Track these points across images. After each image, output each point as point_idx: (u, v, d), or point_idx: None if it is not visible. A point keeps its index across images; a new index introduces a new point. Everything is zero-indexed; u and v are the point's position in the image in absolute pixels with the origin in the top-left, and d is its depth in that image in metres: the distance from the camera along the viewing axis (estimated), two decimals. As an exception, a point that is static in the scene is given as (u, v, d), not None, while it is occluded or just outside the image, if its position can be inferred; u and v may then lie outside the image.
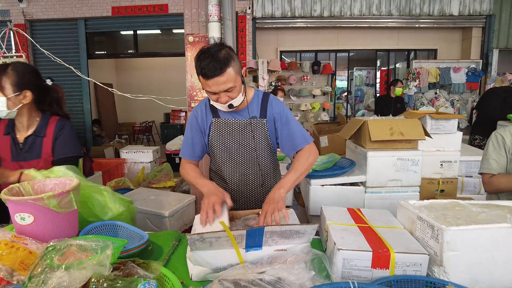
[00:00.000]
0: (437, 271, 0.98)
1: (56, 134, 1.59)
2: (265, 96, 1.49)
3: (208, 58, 1.23)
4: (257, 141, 1.48)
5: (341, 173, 2.05)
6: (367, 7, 6.44)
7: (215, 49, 1.26)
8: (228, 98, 1.32)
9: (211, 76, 1.24)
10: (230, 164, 1.52)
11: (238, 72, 1.31)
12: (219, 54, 1.24)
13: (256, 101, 1.48)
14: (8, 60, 3.34)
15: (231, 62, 1.26)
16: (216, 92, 1.29)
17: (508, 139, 1.57)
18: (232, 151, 1.49)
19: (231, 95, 1.31)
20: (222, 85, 1.26)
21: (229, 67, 1.25)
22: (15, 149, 1.57)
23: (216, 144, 1.49)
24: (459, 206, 1.18)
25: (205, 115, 1.50)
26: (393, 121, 2.07)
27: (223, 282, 0.84)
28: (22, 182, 1.23)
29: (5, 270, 0.91)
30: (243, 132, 1.47)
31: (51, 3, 6.59)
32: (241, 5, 6.29)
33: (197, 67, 1.27)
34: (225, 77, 1.25)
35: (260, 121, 1.46)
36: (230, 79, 1.27)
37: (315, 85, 6.93)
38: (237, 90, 1.32)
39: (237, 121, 1.47)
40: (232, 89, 1.29)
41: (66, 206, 1.12)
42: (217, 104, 1.37)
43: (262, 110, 1.47)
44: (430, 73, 6.54)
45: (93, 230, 1.29)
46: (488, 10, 6.43)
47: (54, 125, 1.60)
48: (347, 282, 0.87)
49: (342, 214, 1.32)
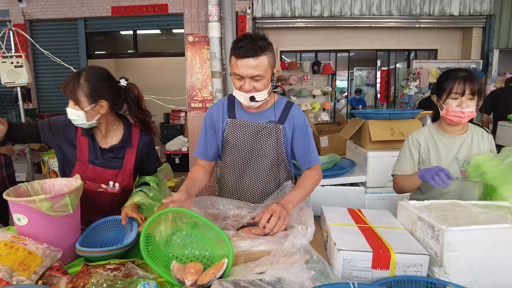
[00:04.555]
0: (437, 271, 0.98)
1: (141, 150, 1.55)
2: (289, 104, 1.45)
3: (247, 39, 1.22)
4: (271, 147, 1.42)
5: (341, 174, 2.05)
6: (367, 7, 6.43)
7: (257, 36, 1.25)
8: (252, 88, 1.27)
9: (243, 55, 1.21)
10: (238, 167, 1.47)
11: (271, 66, 1.28)
12: (259, 40, 1.23)
13: (278, 106, 1.43)
14: (8, 60, 3.33)
15: (267, 52, 1.24)
16: (243, 76, 1.25)
17: (422, 141, 1.57)
18: (243, 152, 1.44)
19: (257, 85, 1.27)
20: (251, 69, 1.23)
21: (264, 55, 1.23)
22: (95, 152, 1.47)
23: (229, 145, 1.45)
24: (460, 206, 1.18)
25: (221, 113, 1.46)
26: (393, 121, 2.06)
27: (223, 283, 0.84)
28: (32, 181, 1.23)
29: (4, 271, 0.91)
30: (258, 136, 1.42)
31: (50, 3, 6.58)
32: (241, 5, 6.29)
33: (232, 47, 1.25)
34: (257, 62, 1.22)
35: (277, 126, 1.41)
36: (261, 67, 1.23)
37: (315, 85, 6.93)
38: (264, 83, 1.28)
39: (253, 124, 1.41)
40: (260, 79, 1.25)
41: (60, 209, 1.09)
42: (239, 93, 1.31)
43: (282, 116, 1.42)
44: (431, 73, 6.53)
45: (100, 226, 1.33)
46: (489, 10, 6.42)
47: (138, 138, 1.55)
48: (347, 283, 0.86)
49: (342, 215, 1.32)
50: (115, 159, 1.49)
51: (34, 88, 6.92)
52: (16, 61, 3.35)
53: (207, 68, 3.48)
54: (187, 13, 3.36)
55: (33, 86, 6.83)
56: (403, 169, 1.58)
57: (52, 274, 0.98)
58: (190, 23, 3.36)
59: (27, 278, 0.93)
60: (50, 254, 1.03)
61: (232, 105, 1.46)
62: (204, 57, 3.47)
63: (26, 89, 5.48)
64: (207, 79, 3.52)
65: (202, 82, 3.54)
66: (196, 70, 3.51)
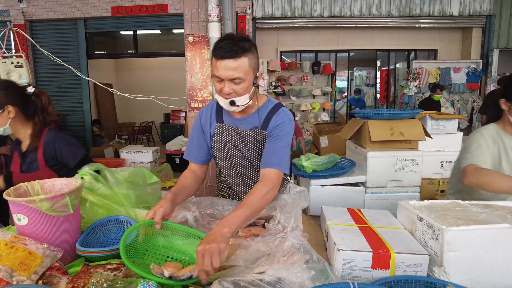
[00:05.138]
0: (437, 271, 0.98)
1: (48, 146, 1.65)
2: (275, 107, 1.36)
3: (228, 39, 1.17)
4: (257, 154, 1.38)
5: (341, 173, 2.05)
6: (367, 7, 6.44)
7: (239, 36, 1.20)
8: (232, 92, 1.21)
9: (223, 56, 1.16)
10: (233, 173, 1.46)
11: (253, 68, 1.22)
12: (241, 41, 1.17)
13: (263, 110, 1.36)
14: (8, 60, 3.34)
15: (249, 53, 1.18)
16: (222, 78, 1.19)
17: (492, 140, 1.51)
18: (234, 160, 1.42)
19: (237, 89, 1.21)
20: (231, 71, 1.17)
21: (245, 56, 1.17)
22: (22, 161, 1.66)
23: (218, 151, 1.42)
24: (460, 206, 1.18)
25: (209, 116, 1.42)
26: (393, 121, 2.06)
27: (223, 283, 0.84)
28: (32, 182, 1.25)
29: (4, 271, 0.91)
30: (245, 142, 1.38)
31: (50, 3, 6.58)
32: (241, 5, 6.29)
33: (213, 48, 1.19)
34: (236, 63, 1.16)
35: (260, 132, 1.35)
36: (241, 69, 1.17)
37: (315, 85, 6.93)
38: (245, 87, 1.22)
39: (237, 130, 1.37)
40: (240, 82, 1.20)
41: (60, 210, 1.09)
42: (219, 98, 1.25)
43: (266, 121, 1.34)
44: (430, 73, 6.54)
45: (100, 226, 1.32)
46: (488, 10, 6.42)
47: (44, 136, 1.67)
48: (347, 283, 0.86)
49: (342, 215, 1.32)
50: (33, 162, 1.64)
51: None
52: (16, 61, 3.36)
53: (207, 68, 3.49)
54: (187, 13, 3.36)
55: (33, 86, 6.83)
56: (484, 160, 1.42)
57: (52, 274, 0.98)
58: (190, 23, 3.37)
59: (27, 278, 0.93)
60: (50, 254, 1.03)
61: (220, 109, 1.42)
62: (204, 57, 3.48)
63: (26, 89, 5.48)
64: (207, 79, 3.52)
65: (202, 82, 3.54)
66: (196, 70, 3.51)
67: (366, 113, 2.13)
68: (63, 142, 1.66)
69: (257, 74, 1.27)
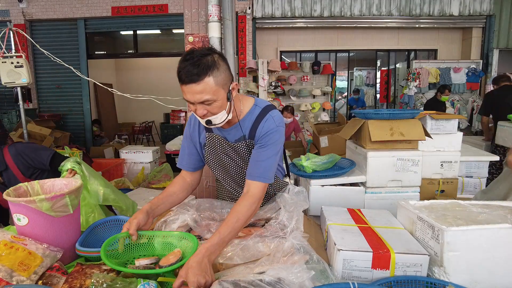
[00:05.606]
0: (437, 271, 0.98)
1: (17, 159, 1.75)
2: (262, 114, 1.27)
3: (188, 61, 1.07)
4: (246, 164, 1.32)
5: (341, 173, 2.04)
6: (367, 7, 6.44)
7: (200, 52, 1.09)
8: (207, 112, 1.14)
9: (184, 81, 1.08)
10: (229, 180, 1.45)
11: (221, 85, 1.11)
12: (201, 59, 1.07)
13: (249, 118, 1.27)
14: (8, 60, 3.33)
15: (212, 71, 1.07)
16: (192, 102, 1.12)
17: None
18: (229, 168, 1.39)
19: (211, 109, 1.13)
20: (197, 95, 1.08)
21: (208, 76, 1.07)
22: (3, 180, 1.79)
23: (212, 160, 1.38)
24: (460, 206, 1.18)
25: (197, 125, 1.37)
26: (393, 121, 2.06)
27: (223, 283, 0.84)
28: (32, 182, 1.25)
29: (4, 271, 0.91)
30: (236, 152, 1.33)
31: (50, 3, 6.59)
32: (241, 5, 6.30)
33: (177, 70, 1.11)
34: (201, 87, 1.07)
35: (247, 142, 1.29)
36: (208, 91, 1.08)
37: (315, 85, 6.93)
38: (218, 106, 1.13)
39: (224, 141, 1.32)
40: (211, 103, 1.11)
41: (60, 210, 1.09)
42: (196, 117, 1.21)
43: (253, 129, 1.26)
44: (430, 73, 6.54)
45: (100, 226, 1.32)
46: (488, 10, 6.43)
47: (6, 155, 1.78)
48: (347, 283, 0.86)
49: (342, 215, 1.32)
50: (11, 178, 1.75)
51: (34, 88, 6.92)
52: (16, 61, 3.36)
53: (207, 68, 3.47)
54: (187, 13, 3.36)
55: (33, 86, 6.84)
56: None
57: (52, 274, 0.98)
58: (190, 23, 3.36)
59: (27, 278, 0.93)
60: (50, 254, 1.03)
61: None
62: (204, 57, 3.46)
63: (26, 89, 5.49)
64: (207, 79, 3.51)
65: (202, 82, 3.52)
66: (196, 70, 3.50)
67: (366, 113, 2.13)
68: (27, 150, 1.77)
69: (231, 87, 1.17)
